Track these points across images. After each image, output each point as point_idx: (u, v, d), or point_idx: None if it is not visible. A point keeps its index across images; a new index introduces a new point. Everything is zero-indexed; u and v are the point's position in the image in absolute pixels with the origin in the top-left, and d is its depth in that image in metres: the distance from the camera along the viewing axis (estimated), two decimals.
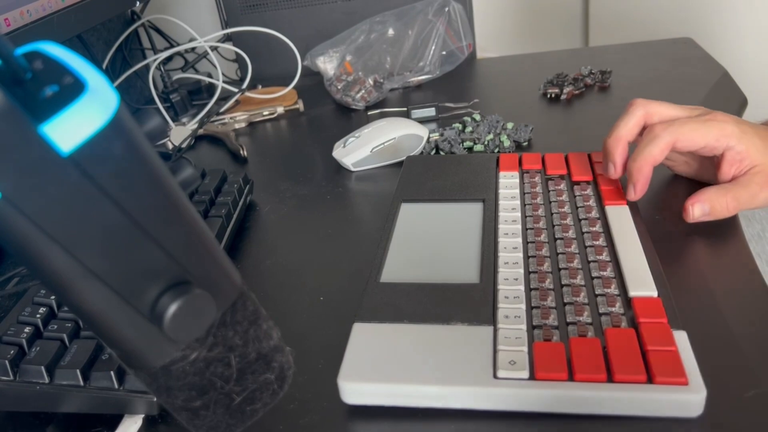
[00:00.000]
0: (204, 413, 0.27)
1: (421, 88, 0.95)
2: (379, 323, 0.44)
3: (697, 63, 0.91)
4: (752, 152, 0.51)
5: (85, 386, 0.41)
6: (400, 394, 0.39)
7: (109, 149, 0.20)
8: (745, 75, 0.93)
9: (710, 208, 0.52)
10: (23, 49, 0.21)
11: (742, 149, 0.51)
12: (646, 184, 0.53)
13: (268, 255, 0.59)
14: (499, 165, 0.63)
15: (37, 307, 0.45)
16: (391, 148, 0.72)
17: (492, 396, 0.38)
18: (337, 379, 0.40)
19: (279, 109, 0.93)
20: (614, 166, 0.55)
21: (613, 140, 0.55)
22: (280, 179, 0.73)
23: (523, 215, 0.54)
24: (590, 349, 0.39)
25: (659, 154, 0.52)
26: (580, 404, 0.38)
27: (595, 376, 0.38)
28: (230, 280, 0.26)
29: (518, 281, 0.46)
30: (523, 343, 0.40)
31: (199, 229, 0.24)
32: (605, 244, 0.49)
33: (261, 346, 0.27)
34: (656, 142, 0.51)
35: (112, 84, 0.22)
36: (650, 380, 0.37)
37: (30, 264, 0.21)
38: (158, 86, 0.95)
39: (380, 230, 0.55)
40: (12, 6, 0.60)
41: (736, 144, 0.51)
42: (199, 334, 0.25)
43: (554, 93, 0.86)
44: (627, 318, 0.42)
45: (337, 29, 0.99)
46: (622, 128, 0.54)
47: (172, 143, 0.86)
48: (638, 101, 0.55)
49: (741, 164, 0.52)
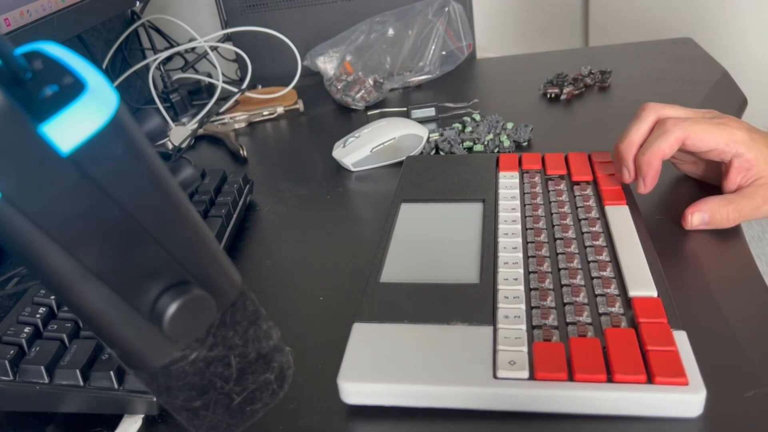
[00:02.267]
0: (204, 413, 0.27)
1: (421, 88, 0.95)
2: (379, 323, 0.44)
3: (697, 63, 0.91)
4: (760, 162, 0.51)
5: (85, 386, 0.41)
6: (400, 394, 0.39)
7: (109, 149, 0.20)
8: (745, 75, 0.93)
9: (710, 218, 0.52)
10: (23, 49, 0.21)
11: (751, 157, 0.51)
12: (655, 177, 0.53)
13: (268, 255, 0.59)
14: (499, 165, 0.63)
15: (37, 307, 0.45)
16: (391, 148, 0.72)
17: (492, 396, 0.38)
18: (337, 379, 0.40)
19: (279, 109, 0.93)
20: (629, 171, 0.54)
21: (626, 145, 0.54)
22: (280, 179, 0.73)
23: (522, 215, 0.54)
24: (590, 349, 0.39)
25: (668, 149, 0.52)
26: (580, 404, 0.38)
27: (595, 376, 0.38)
28: (230, 280, 0.26)
29: (518, 281, 0.46)
30: (522, 343, 0.40)
31: (199, 229, 0.24)
32: (605, 244, 0.49)
33: (261, 346, 0.27)
34: (666, 136, 0.51)
35: (112, 84, 0.22)
36: (650, 380, 0.37)
37: (30, 264, 0.21)
38: (158, 86, 0.95)
39: (380, 230, 0.55)
40: (12, 6, 0.60)
41: (745, 152, 0.51)
42: (199, 334, 0.25)
43: (554, 93, 0.86)
44: (627, 318, 0.42)
45: (337, 29, 0.99)
46: (634, 133, 0.54)
47: (172, 143, 0.86)
48: (650, 105, 0.55)
49: (748, 173, 0.52)
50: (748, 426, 0.36)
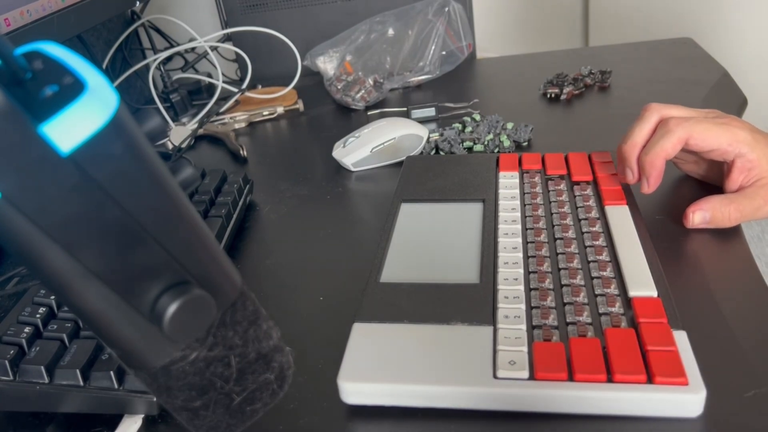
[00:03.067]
0: (204, 413, 0.27)
1: (421, 88, 0.95)
2: (379, 323, 0.44)
3: (697, 63, 0.91)
4: (763, 163, 0.51)
5: (85, 386, 0.41)
6: (400, 394, 0.39)
7: (109, 149, 0.20)
8: (745, 75, 0.93)
9: (711, 216, 0.52)
10: (23, 49, 0.21)
11: (754, 158, 0.51)
12: (659, 177, 0.53)
13: (268, 255, 0.59)
14: (499, 165, 0.63)
15: (37, 307, 0.45)
16: (391, 148, 0.72)
17: (492, 396, 0.38)
18: (337, 379, 0.40)
19: (279, 109, 0.93)
20: (632, 171, 0.54)
21: (629, 146, 0.54)
22: (280, 179, 0.73)
23: (522, 215, 0.54)
24: (590, 349, 0.39)
25: (671, 149, 0.51)
26: (580, 404, 0.38)
27: (595, 376, 0.38)
28: (230, 280, 0.26)
29: (518, 281, 0.46)
30: (522, 343, 0.40)
31: (199, 229, 0.24)
32: (605, 244, 0.49)
33: (261, 346, 0.27)
34: (669, 136, 0.51)
35: (112, 84, 0.22)
36: (650, 380, 0.37)
37: (30, 264, 0.21)
38: (158, 86, 0.95)
39: (380, 230, 0.55)
40: (12, 6, 0.60)
41: (748, 152, 0.51)
42: (199, 334, 0.25)
43: (554, 93, 0.86)
44: (627, 318, 0.42)
45: (337, 29, 0.99)
46: (637, 134, 0.54)
47: (172, 143, 0.86)
48: (653, 106, 0.54)
49: (750, 173, 0.52)
50: (748, 426, 0.36)
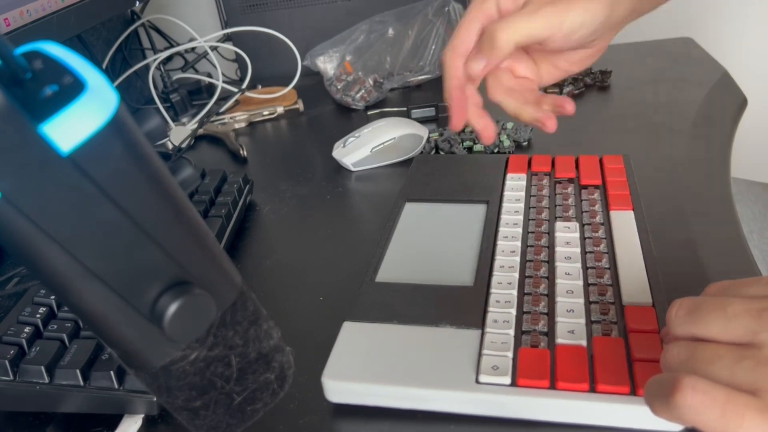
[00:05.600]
0: (204, 413, 0.27)
1: (421, 88, 0.95)
2: (368, 323, 0.43)
3: (697, 63, 0.91)
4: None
5: (85, 386, 0.41)
6: (383, 394, 0.39)
7: (109, 149, 0.20)
8: (745, 75, 0.93)
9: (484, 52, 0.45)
10: (23, 49, 0.21)
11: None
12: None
13: (268, 255, 0.59)
14: (508, 166, 0.62)
15: (37, 307, 0.45)
16: (391, 148, 0.72)
17: (473, 401, 0.38)
18: (321, 377, 0.40)
19: (279, 109, 0.93)
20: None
21: None
22: (280, 179, 0.73)
23: (525, 218, 0.53)
24: (576, 357, 0.38)
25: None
26: (561, 413, 0.37)
27: (578, 385, 0.37)
28: (230, 280, 0.26)
29: (512, 285, 0.45)
30: (508, 349, 0.40)
31: (199, 229, 0.24)
32: (606, 251, 0.48)
33: (261, 346, 0.27)
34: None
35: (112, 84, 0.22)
36: (633, 392, 0.36)
37: (30, 264, 0.21)
38: (158, 86, 0.95)
39: (380, 230, 0.55)
40: (12, 6, 0.60)
41: None
42: (199, 334, 0.25)
43: (554, 93, 0.86)
44: (619, 327, 0.41)
45: (337, 29, 0.99)
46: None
47: (172, 143, 0.86)
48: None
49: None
50: None
